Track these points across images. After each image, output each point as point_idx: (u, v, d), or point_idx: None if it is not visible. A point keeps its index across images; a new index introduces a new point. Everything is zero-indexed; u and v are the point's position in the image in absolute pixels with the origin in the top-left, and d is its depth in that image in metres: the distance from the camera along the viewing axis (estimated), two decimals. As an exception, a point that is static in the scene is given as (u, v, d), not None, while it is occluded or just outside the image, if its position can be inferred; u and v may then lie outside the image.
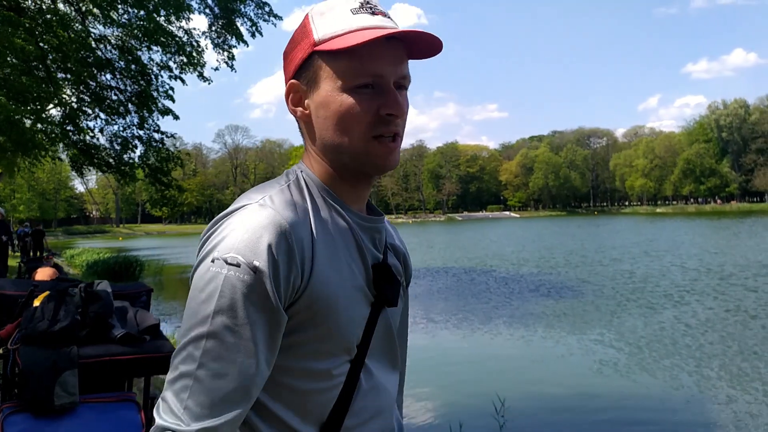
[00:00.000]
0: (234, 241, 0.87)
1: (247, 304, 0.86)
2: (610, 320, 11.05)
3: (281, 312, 0.89)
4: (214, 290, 0.86)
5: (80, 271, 20.55)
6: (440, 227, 74.60)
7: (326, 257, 0.94)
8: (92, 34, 13.02)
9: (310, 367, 0.94)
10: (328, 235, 0.96)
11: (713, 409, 6.47)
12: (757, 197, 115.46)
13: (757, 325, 10.18)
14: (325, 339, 0.94)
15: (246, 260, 0.86)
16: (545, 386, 7.48)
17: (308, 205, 0.97)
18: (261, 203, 0.92)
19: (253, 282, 0.86)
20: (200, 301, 0.86)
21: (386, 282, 1.04)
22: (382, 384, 1.05)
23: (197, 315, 0.86)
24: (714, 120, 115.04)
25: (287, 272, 0.89)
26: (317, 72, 0.97)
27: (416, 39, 0.96)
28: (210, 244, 0.90)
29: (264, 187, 0.99)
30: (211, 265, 0.87)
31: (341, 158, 0.99)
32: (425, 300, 14.33)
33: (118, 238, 72.65)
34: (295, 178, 1.01)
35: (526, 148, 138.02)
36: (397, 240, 1.22)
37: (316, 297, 0.92)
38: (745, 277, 16.01)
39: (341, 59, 0.95)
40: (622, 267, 19.70)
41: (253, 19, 14.03)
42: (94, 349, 2.57)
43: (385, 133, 0.96)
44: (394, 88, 0.96)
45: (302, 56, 0.98)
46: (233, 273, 0.85)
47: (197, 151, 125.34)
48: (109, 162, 14.81)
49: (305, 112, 1.01)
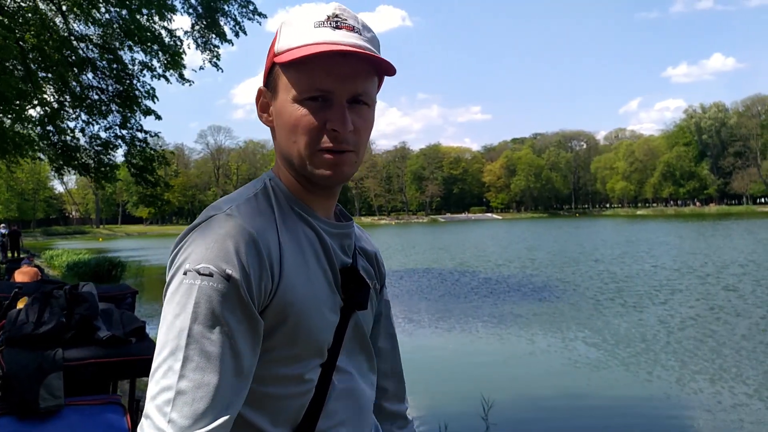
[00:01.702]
0: (204, 252, 0.88)
1: (224, 312, 0.86)
2: (593, 320, 11.16)
3: (257, 317, 0.90)
4: (188, 302, 0.86)
5: (60, 272, 20.30)
6: (423, 229, 74.73)
7: (294, 264, 0.96)
8: (74, 32, 12.88)
9: (281, 373, 0.96)
10: (295, 243, 0.98)
11: (693, 405, 6.58)
12: (735, 200, 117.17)
13: (736, 323, 10.35)
14: (296, 344, 0.96)
15: (218, 269, 0.87)
16: (531, 386, 7.55)
17: (275, 214, 0.99)
18: (228, 213, 0.94)
19: (228, 290, 0.87)
20: (176, 314, 0.86)
21: (355, 286, 1.05)
22: (358, 385, 1.07)
23: (174, 328, 0.86)
24: (693, 123, 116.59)
25: (258, 278, 0.90)
26: (276, 81, 1.00)
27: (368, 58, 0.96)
28: (181, 257, 0.90)
29: (232, 197, 1.00)
30: (184, 278, 0.87)
31: (293, 166, 1.01)
32: (409, 301, 14.35)
33: (98, 239, 71.81)
34: (262, 187, 1.03)
35: (509, 149, 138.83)
36: (367, 242, 1.22)
37: (286, 302, 0.93)
38: (722, 277, 16.26)
39: (292, 71, 0.96)
40: (603, 268, 19.90)
41: (237, 18, 13.95)
42: (79, 352, 2.55)
43: (329, 147, 0.96)
44: (343, 104, 0.95)
45: (267, 65, 1.02)
46: (207, 283, 0.86)
47: (179, 151, 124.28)
48: (87, 164, 14.64)
49: (269, 118, 1.04)
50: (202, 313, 0.85)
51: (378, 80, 1.02)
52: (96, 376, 2.61)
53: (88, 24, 12.83)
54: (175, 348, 0.85)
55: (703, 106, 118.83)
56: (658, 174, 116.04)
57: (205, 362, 0.84)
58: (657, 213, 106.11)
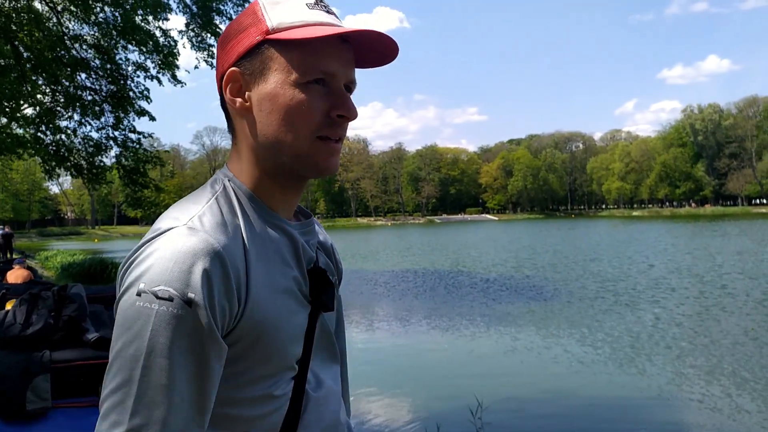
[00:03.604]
0: (163, 272, 0.78)
1: (184, 342, 0.77)
2: (586, 321, 11.17)
3: (221, 344, 0.81)
4: (144, 329, 0.76)
5: (54, 273, 20.24)
6: (419, 230, 74.77)
7: (262, 277, 0.88)
8: (68, 32, 12.84)
9: (252, 394, 0.88)
10: (262, 252, 0.90)
11: (688, 406, 6.59)
12: (730, 201, 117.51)
13: (730, 323, 10.36)
14: (267, 362, 0.88)
15: (179, 293, 0.77)
16: (522, 387, 7.54)
17: (239, 221, 0.89)
18: (190, 226, 0.83)
19: (189, 316, 0.77)
20: (128, 341, 0.76)
21: (322, 287, 0.98)
22: (330, 390, 1.02)
23: (125, 356, 0.76)
24: (689, 125, 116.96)
25: (224, 301, 0.81)
26: (266, 62, 0.90)
27: (371, 43, 0.92)
28: (134, 273, 0.80)
29: (189, 203, 0.90)
30: (138, 299, 0.77)
31: (279, 158, 0.92)
32: (402, 302, 14.35)
33: (93, 240, 71.67)
34: (222, 189, 0.93)
35: (505, 150, 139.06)
36: (322, 235, 1.13)
37: (254, 322, 0.85)
38: (717, 276, 16.29)
39: (295, 51, 0.89)
40: (598, 268, 19.93)
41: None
42: (67, 354, 2.53)
43: (331, 135, 0.91)
44: (344, 90, 0.92)
45: (250, 43, 0.90)
46: (165, 308, 0.76)
47: (175, 152, 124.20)
48: (80, 165, 14.58)
49: (245, 104, 0.92)
50: (159, 342, 0.76)
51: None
52: (84, 378, 2.59)
53: (82, 24, 12.81)
54: (128, 379, 0.75)
55: (699, 107, 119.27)
56: (654, 175, 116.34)
57: (161, 397, 0.75)
58: (653, 214, 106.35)
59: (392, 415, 6.49)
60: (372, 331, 11.45)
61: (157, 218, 0.92)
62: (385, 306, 14.23)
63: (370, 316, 13.16)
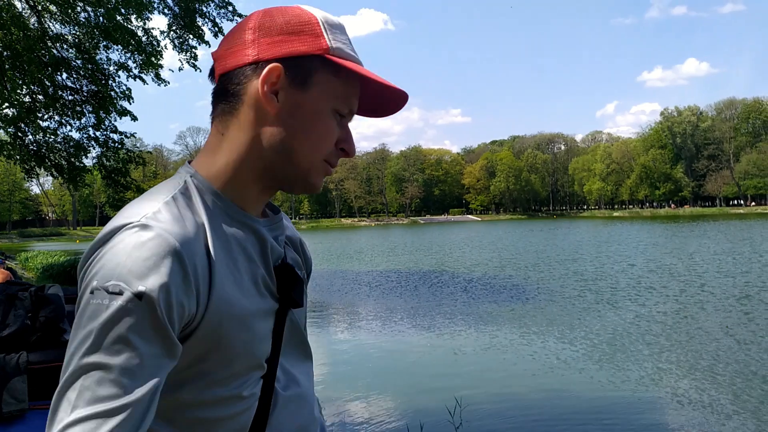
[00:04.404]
0: (114, 267, 0.77)
1: (133, 336, 0.75)
2: (567, 319, 11.27)
3: (174, 342, 0.79)
4: (94, 324, 0.75)
5: (34, 274, 20.01)
6: (403, 230, 74.83)
7: (226, 275, 0.86)
8: (48, 32, 12.69)
9: (219, 395, 0.86)
10: (227, 250, 0.88)
11: (666, 401, 6.68)
12: (708, 202, 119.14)
13: (708, 321, 10.52)
14: (233, 362, 0.87)
15: (129, 286, 0.75)
16: (502, 386, 7.60)
17: (201, 218, 0.87)
18: (144, 223, 0.80)
19: (140, 310, 0.75)
20: (81, 338, 0.75)
21: (290, 283, 0.97)
22: (301, 388, 1.00)
23: (77, 353, 0.75)
24: (668, 127, 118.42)
25: (181, 297, 0.79)
26: (313, 76, 0.90)
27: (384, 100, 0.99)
28: (89, 273, 0.79)
29: (144, 201, 0.86)
30: (91, 297, 0.76)
31: (280, 164, 0.93)
32: (384, 302, 14.37)
33: (75, 241, 70.86)
34: (183, 185, 0.90)
35: (488, 151, 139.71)
36: (290, 230, 1.11)
37: (218, 321, 0.83)
38: (696, 276, 16.51)
39: (341, 80, 0.92)
40: (578, 268, 20.11)
41: (215, 20, 13.87)
42: (44, 355, 2.52)
43: (332, 162, 0.96)
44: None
45: (305, 50, 0.90)
46: (116, 302, 0.75)
47: (158, 152, 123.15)
48: (61, 165, 14.40)
49: (274, 103, 0.90)
50: (108, 337, 0.74)
51: None
52: (62, 379, 2.58)
53: (64, 23, 12.66)
54: (74, 375, 0.74)
55: (678, 109, 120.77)
56: (634, 176, 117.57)
57: (106, 393, 0.73)
58: (633, 215, 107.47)
59: (374, 415, 6.51)
60: (354, 331, 11.47)
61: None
62: (368, 306, 14.25)
63: (353, 316, 13.17)
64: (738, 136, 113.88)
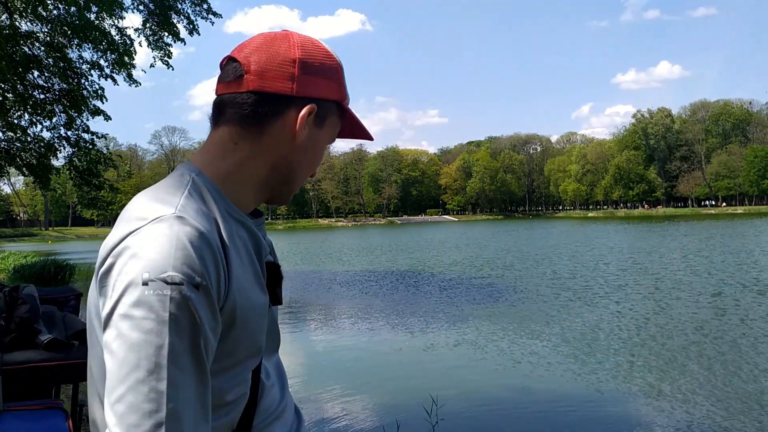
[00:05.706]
0: (166, 258, 0.80)
1: (201, 322, 0.81)
2: (542, 318, 11.39)
3: (220, 322, 0.86)
4: (161, 314, 0.78)
5: (6, 275, 19.62)
6: (380, 231, 74.86)
7: (237, 264, 0.92)
8: (19, 30, 12.46)
9: (233, 380, 0.93)
10: (233, 244, 0.94)
11: (641, 402, 6.79)
12: (681, 202, 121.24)
13: (682, 319, 10.72)
14: (238, 349, 0.92)
15: (187, 276, 0.80)
16: (478, 385, 7.66)
17: (214, 213, 0.93)
18: (179, 214, 0.86)
19: (200, 298, 0.81)
20: (147, 329, 0.78)
21: (276, 281, 1.05)
22: (275, 374, 1.07)
23: (147, 345, 0.78)
24: (641, 128, 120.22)
25: (218, 283, 0.85)
26: (329, 118, 1.06)
27: (354, 133, 1.15)
28: (130, 266, 0.81)
29: (163, 194, 0.92)
30: (146, 289, 0.79)
31: (278, 185, 1.06)
32: (362, 302, 14.39)
33: (47, 242, 69.64)
34: (192, 182, 0.96)
35: (465, 152, 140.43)
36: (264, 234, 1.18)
37: (234, 306, 0.89)
38: (669, 274, 16.80)
39: (336, 123, 1.08)
40: (553, 267, 20.32)
41: (190, 17, 13.75)
42: (19, 356, 2.51)
43: (302, 183, 1.11)
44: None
45: (332, 97, 1.04)
46: (179, 293, 0.79)
47: (132, 152, 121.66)
48: (32, 164, 14.15)
49: (301, 138, 1.01)
50: (181, 326, 0.79)
51: None
52: (37, 381, 2.57)
53: (34, 21, 12.44)
54: (154, 367, 0.77)
55: (650, 111, 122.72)
56: (609, 177, 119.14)
57: (189, 379, 0.80)
58: (608, 215, 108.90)
59: (351, 414, 6.53)
60: (330, 330, 11.46)
61: (115, 219, 0.95)
62: (344, 306, 14.25)
63: (329, 316, 13.17)
64: (709, 137, 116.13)
